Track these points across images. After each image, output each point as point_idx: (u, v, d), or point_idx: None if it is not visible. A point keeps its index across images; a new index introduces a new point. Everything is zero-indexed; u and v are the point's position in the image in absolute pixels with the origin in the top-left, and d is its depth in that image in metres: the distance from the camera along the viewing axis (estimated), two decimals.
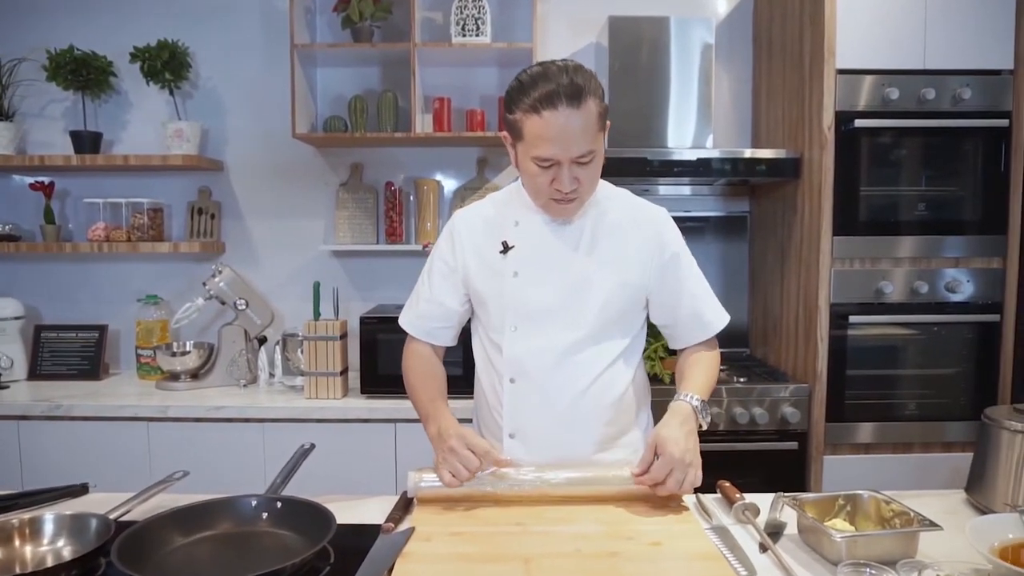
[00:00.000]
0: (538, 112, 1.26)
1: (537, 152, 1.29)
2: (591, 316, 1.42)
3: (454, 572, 1.02)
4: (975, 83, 2.33)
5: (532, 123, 1.27)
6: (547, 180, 1.33)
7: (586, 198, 1.40)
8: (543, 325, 1.43)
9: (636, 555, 1.07)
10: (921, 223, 2.38)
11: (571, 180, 1.31)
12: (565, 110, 1.24)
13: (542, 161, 1.30)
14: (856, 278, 2.38)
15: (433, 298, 1.52)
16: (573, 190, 1.33)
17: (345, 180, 2.88)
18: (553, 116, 1.25)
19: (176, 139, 2.70)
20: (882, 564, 0.99)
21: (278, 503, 1.18)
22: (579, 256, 1.43)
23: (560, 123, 1.25)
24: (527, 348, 1.42)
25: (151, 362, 2.73)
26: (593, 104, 1.27)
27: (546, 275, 1.43)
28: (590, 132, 1.28)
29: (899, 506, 1.16)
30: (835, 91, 2.33)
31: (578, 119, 1.26)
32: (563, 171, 1.30)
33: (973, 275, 2.39)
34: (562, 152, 1.28)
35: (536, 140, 1.28)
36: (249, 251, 2.92)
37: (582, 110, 1.25)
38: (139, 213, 2.74)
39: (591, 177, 1.35)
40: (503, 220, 1.48)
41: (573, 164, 1.30)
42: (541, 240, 1.45)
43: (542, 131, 1.26)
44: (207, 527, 1.14)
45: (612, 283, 1.43)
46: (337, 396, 2.47)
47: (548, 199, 1.36)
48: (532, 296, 1.43)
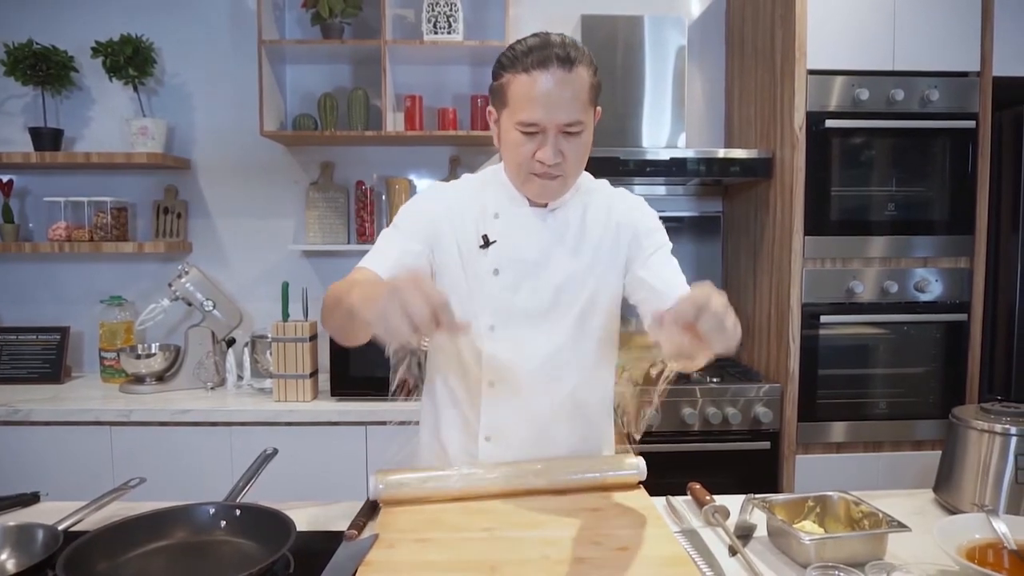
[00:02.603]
0: (527, 71, 1.19)
1: (522, 116, 1.21)
2: (573, 318, 1.35)
3: None
4: (943, 85, 2.36)
5: (519, 83, 1.21)
6: (530, 150, 1.24)
7: (571, 178, 1.31)
8: (523, 326, 1.35)
9: (604, 561, 1.05)
10: (891, 223, 2.40)
11: (555, 152, 1.23)
12: (556, 71, 1.18)
13: (526, 126, 1.22)
14: (827, 278, 2.39)
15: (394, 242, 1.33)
16: (557, 164, 1.24)
17: (315, 179, 2.83)
18: (542, 76, 1.18)
19: (141, 136, 2.63)
20: (851, 566, 0.98)
21: (237, 511, 1.15)
22: (565, 253, 1.35)
23: (549, 84, 1.18)
24: (507, 350, 1.34)
25: (115, 365, 2.66)
26: (586, 72, 1.21)
27: (530, 274, 1.34)
28: (580, 100, 1.21)
29: (868, 507, 1.15)
30: (806, 91, 2.34)
31: (568, 83, 1.19)
32: (548, 140, 1.22)
33: (941, 275, 2.41)
34: (548, 116, 1.20)
35: (522, 102, 1.21)
36: (217, 251, 2.86)
37: (573, 74, 1.19)
38: (102, 212, 2.67)
39: (578, 154, 1.27)
40: (481, 208, 1.37)
41: (559, 134, 1.22)
42: (525, 235, 1.35)
43: (529, 91, 1.20)
44: (161, 537, 1.10)
45: (596, 284, 1.36)
46: (307, 399, 2.42)
47: (529, 173, 1.27)
48: (514, 296, 1.34)
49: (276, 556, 0.99)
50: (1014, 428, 1.21)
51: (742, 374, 2.56)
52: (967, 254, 2.42)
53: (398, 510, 1.23)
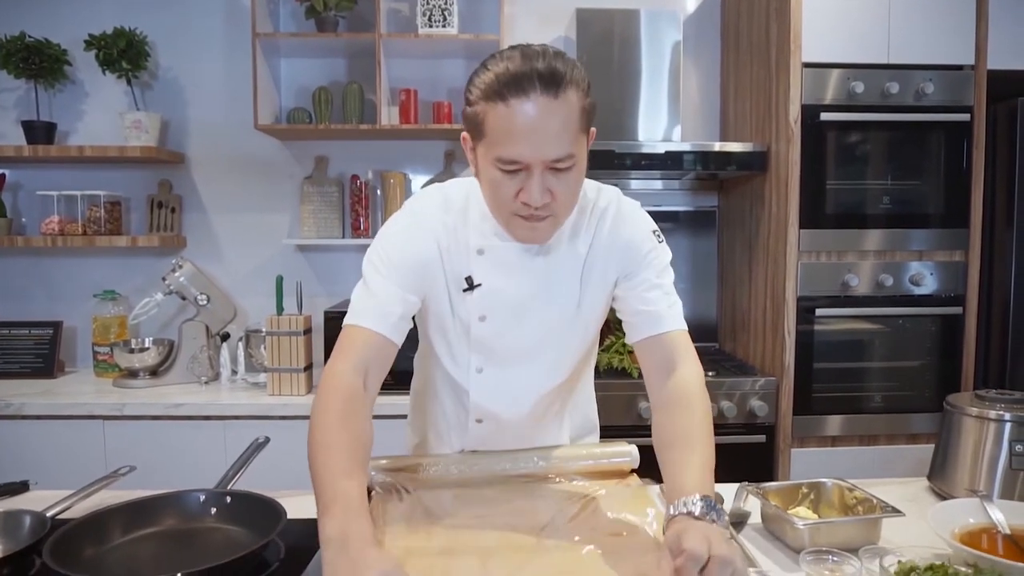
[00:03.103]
0: (504, 99, 1.00)
1: (501, 152, 1.03)
2: (567, 355, 1.26)
3: (407, 567, 0.98)
4: (937, 78, 2.35)
5: (497, 115, 1.02)
6: (512, 190, 1.06)
7: (563, 216, 1.12)
8: (513, 368, 1.24)
9: (598, 545, 1.05)
10: (886, 216, 2.39)
11: (542, 192, 1.04)
12: (539, 99, 0.99)
13: (507, 164, 1.03)
14: (822, 271, 2.38)
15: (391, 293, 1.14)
16: (545, 205, 1.06)
17: (310, 173, 2.82)
18: (523, 106, 0.99)
19: (134, 130, 2.62)
20: (845, 551, 0.97)
21: (227, 498, 1.14)
22: (556, 295, 1.21)
23: (531, 115, 1.00)
24: (496, 392, 1.25)
25: (108, 359, 2.65)
26: (575, 96, 1.02)
27: (519, 318, 1.20)
28: (570, 131, 1.02)
29: (862, 493, 1.15)
30: (801, 84, 2.33)
31: (555, 112, 1.00)
32: (533, 179, 1.03)
33: (936, 268, 2.41)
34: (533, 152, 1.01)
35: (501, 136, 1.02)
36: (211, 246, 2.85)
37: (560, 101, 1.00)
38: (96, 206, 2.66)
39: (569, 191, 1.08)
40: (462, 241, 1.19)
41: (546, 171, 1.04)
42: (512, 278, 1.19)
43: (508, 124, 1.01)
44: (150, 523, 1.09)
45: (593, 320, 1.26)
46: (301, 392, 2.41)
47: (513, 214, 1.09)
48: (502, 341, 1.22)
49: (265, 540, 0.98)
50: (1008, 414, 1.20)
51: (737, 368, 2.56)
52: (962, 247, 2.42)
53: (389, 497, 1.23)
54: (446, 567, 0.99)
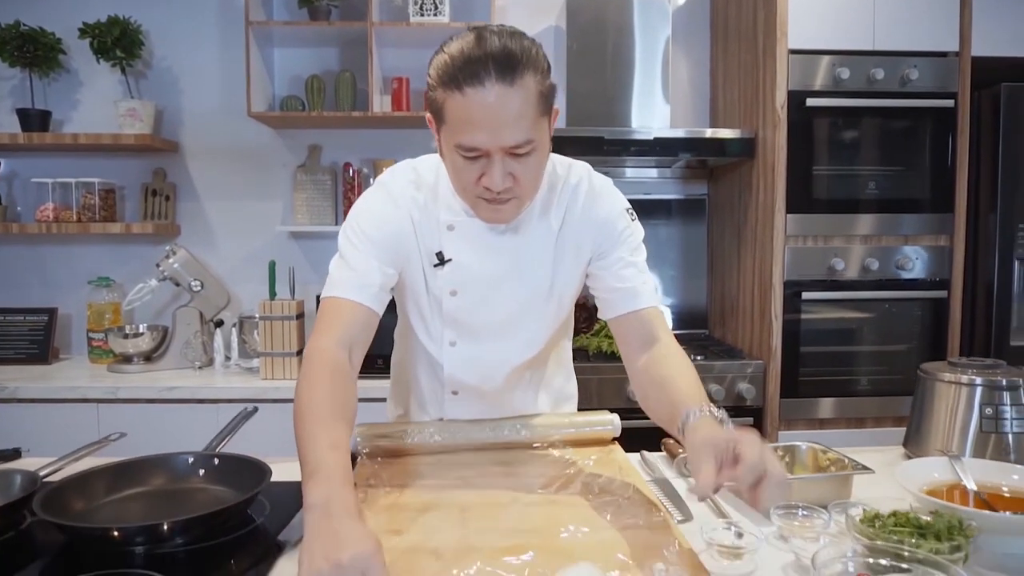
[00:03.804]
0: (460, 89, 1.00)
1: (461, 139, 1.03)
2: (540, 330, 1.29)
3: (388, 520, 1.01)
4: (922, 64, 2.38)
5: (454, 103, 1.01)
6: (474, 175, 1.07)
7: (527, 198, 1.14)
8: (486, 342, 1.27)
9: (575, 503, 1.07)
10: (872, 201, 2.42)
11: (503, 176, 1.06)
12: (495, 87, 0.99)
13: (467, 151, 1.04)
14: (809, 255, 2.41)
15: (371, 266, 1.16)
16: (507, 188, 1.08)
17: (303, 162, 2.85)
18: (479, 94, 0.99)
19: (129, 118, 2.65)
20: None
21: (215, 459, 1.16)
22: (527, 271, 1.23)
23: (488, 103, 1.00)
24: (469, 365, 1.29)
25: (103, 345, 2.67)
26: (532, 80, 1.02)
27: (489, 294, 1.23)
28: (527, 117, 1.03)
29: (835, 455, 1.18)
30: (787, 70, 2.36)
31: (511, 99, 1.00)
32: (494, 164, 1.05)
33: (922, 253, 2.44)
34: (491, 140, 1.02)
35: (459, 124, 1.03)
36: (205, 233, 2.88)
37: (517, 87, 1.01)
38: (90, 193, 2.68)
39: (531, 175, 1.09)
40: (432, 216, 1.21)
41: (506, 156, 1.05)
42: (482, 254, 1.21)
43: (466, 113, 1.01)
44: (139, 483, 1.11)
45: (559, 291, 1.27)
46: (293, 376, 2.44)
47: (476, 197, 1.11)
48: (474, 316, 1.25)
49: (251, 494, 1.00)
50: (979, 379, 1.23)
51: (726, 352, 2.58)
52: (947, 232, 2.45)
53: (374, 462, 1.25)
54: (426, 520, 1.01)
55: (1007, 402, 1.20)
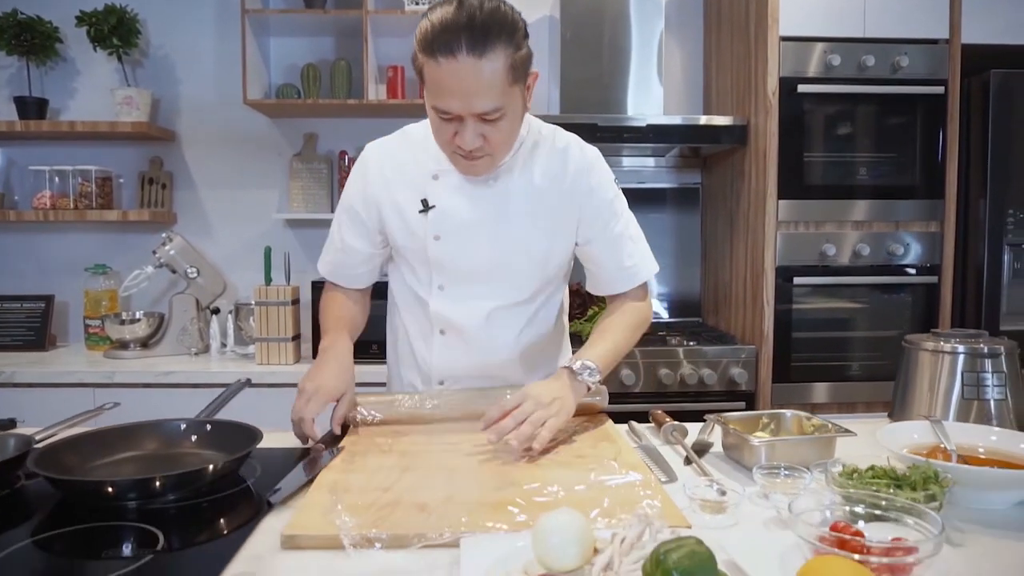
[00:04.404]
0: (435, 57, 1.09)
1: (436, 102, 1.14)
2: (523, 279, 1.36)
3: (376, 478, 1.02)
4: (913, 51, 2.40)
5: (431, 69, 1.11)
6: (448, 134, 1.18)
7: (500, 157, 1.25)
8: (472, 286, 1.36)
9: (560, 462, 1.09)
10: (863, 188, 2.44)
11: (475, 137, 1.16)
12: (466, 59, 1.07)
13: (441, 113, 1.15)
14: (801, 241, 2.43)
15: (345, 245, 1.41)
16: (478, 148, 1.18)
17: (299, 150, 2.86)
18: (451, 65, 1.08)
19: (125, 107, 2.66)
20: None
21: (207, 425, 1.18)
22: (507, 219, 1.31)
23: (458, 73, 1.08)
24: (455, 308, 1.37)
25: (99, 332, 2.69)
26: (503, 53, 1.10)
27: (471, 239, 1.32)
28: (496, 86, 1.11)
29: (819, 421, 1.20)
30: (779, 57, 2.38)
31: (481, 70, 1.08)
32: (466, 127, 1.15)
33: (913, 239, 2.46)
34: (462, 106, 1.12)
35: (434, 89, 1.13)
36: (201, 221, 2.89)
37: (486, 60, 1.08)
38: (87, 181, 2.70)
39: (502, 137, 1.19)
40: (420, 168, 1.32)
41: (478, 120, 1.14)
42: (465, 201, 1.31)
43: (439, 80, 1.11)
44: (132, 448, 1.13)
45: (544, 246, 1.34)
46: (289, 361, 2.46)
47: (453, 153, 1.22)
48: (457, 261, 1.34)
49: (241, 453, 1.02)
50: (962, 347, 1.25)
51: (718, 338, 2.60)
52: (938, 218, 2.46)
53: (365, 430, 1.27)
54: (413, 478, 1.02)
55: (988, 369, 1.22)
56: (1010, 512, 0.95)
